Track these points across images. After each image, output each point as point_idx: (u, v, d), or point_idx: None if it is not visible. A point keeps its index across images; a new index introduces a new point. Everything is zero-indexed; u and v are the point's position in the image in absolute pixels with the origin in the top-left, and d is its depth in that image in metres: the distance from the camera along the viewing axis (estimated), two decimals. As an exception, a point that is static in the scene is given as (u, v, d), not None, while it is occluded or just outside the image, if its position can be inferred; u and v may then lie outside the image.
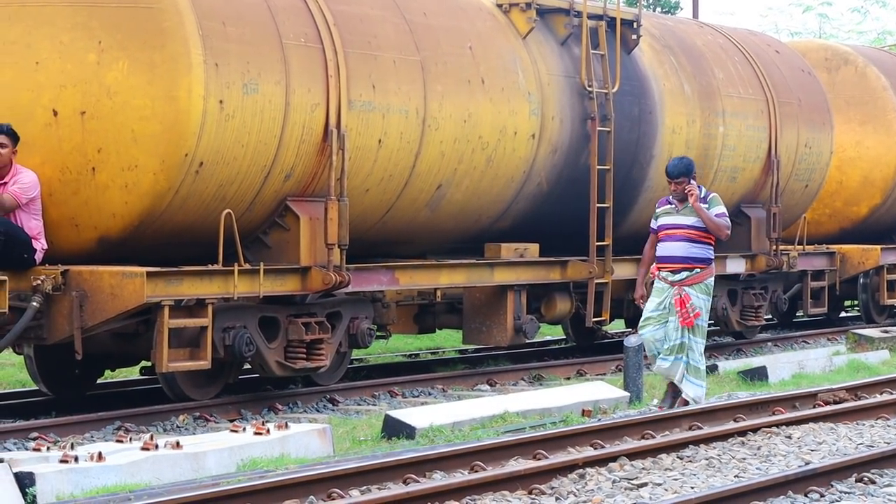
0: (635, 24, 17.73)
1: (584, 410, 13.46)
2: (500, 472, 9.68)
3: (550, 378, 16.55)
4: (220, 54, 12.86)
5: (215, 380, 13.89)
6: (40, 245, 12.69)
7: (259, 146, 13.23)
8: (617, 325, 19.49)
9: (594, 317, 16.99)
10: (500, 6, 16.48)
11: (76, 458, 10.09)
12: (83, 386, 14.43)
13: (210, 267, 12.97)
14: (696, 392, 13.51)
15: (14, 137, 12.54)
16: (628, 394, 14.42)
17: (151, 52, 12.65)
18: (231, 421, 13.03)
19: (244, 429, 11.60)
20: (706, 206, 13.49)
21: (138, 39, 12.67)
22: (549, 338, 20.64)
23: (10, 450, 11.35)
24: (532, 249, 16.36)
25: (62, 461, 10.05)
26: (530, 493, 9.33)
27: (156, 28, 12.66)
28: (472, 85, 15.40)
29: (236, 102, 12.98)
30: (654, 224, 13.84)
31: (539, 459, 10.35)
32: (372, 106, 14.22)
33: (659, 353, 13.56)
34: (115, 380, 15.59)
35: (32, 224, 12.66)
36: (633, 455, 10.44)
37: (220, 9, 13.04)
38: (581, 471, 9.85)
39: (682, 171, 13.51)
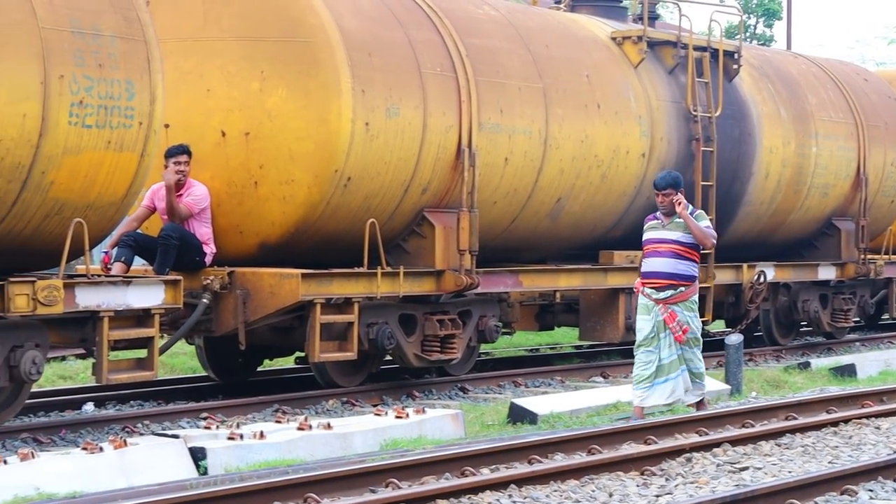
0: (736, 55, 17.67)
1: (688, 401, 13.41)
2: (615, 455, 9.71)
3: (658, 372, 16.47)
4: (366, 82, 13.01)
5: (360, 369, 14.02)
6: (210, 249, 12.91)
7: (400, 163, 13.36)
8: (718, 325, 19.35)
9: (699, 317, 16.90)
10: (614, 39, 16.50)
11: (241, 436, 10.26)
12: (246, 373, 14.61)
13: (357, 270, 13.12)
14: (702, 390, 12.48)
15: (190, 155, 12.77)
16: (729, 386, 14.35)
17: (307, 80, 12.82)
18: (374, 406, 13.14)
19: (386, 413, 11.69)
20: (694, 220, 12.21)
21: (295, 69, 12.85)
22: (655, 336, 20.52)
23: (184, 427, 11.54)
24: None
25: (229, 438, 10.22)
26: (642, 473, 9.34)
27: (311, 59, 12.83)
28: (589, 109, 15.43)
29: (380, 124, 13.12)
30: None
31: (649, 444, 10.33)
32: (499, 128, 14.30)
33: (644, 372, 12.09)
34: (273, 368, 15.75)
35: (203, 231, 12.89)
36: (734, 442, 10.40)
37: (366, 42, 13.19)
38: (688, 455, 9.83)
39: (669, 183, 12.21)
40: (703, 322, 16.93)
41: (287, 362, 15.65)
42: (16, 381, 10.77)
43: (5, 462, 9.15)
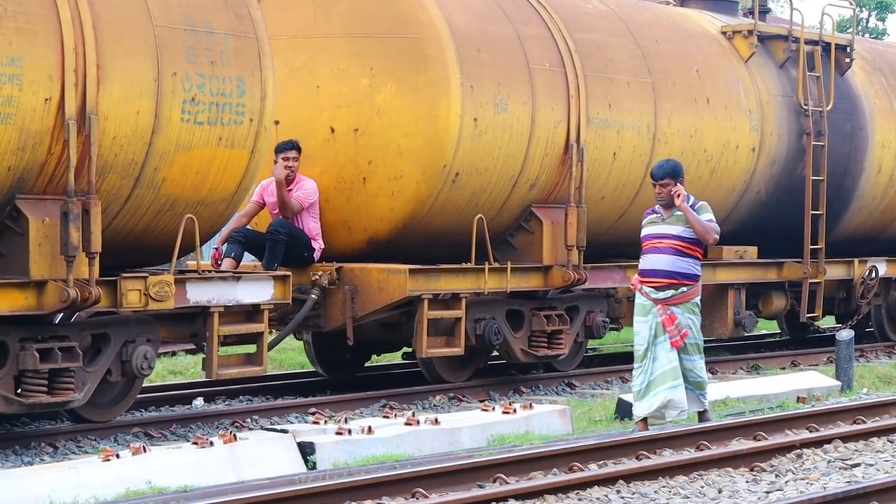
0: (848, 49, 17.41)
1: (798, 397, 13.24)
2: (725, 451, 9.61)
3: (767, 368, 16.30)
4: (475, 78, 12.99)
5: (467, 365, 14.01)
6: (318, 245, 12.96)
7: (508, 158, 13.32)
8: (828, 321, 19.08)
9: (808, 313, 16.74)
10: (724, 33, 16.33)
11: (349, 431, 10.30)
12: (354, 368, 14.66)
13: (464, 265, 13.10)
14: (705, 400, 11.38)
15: (300, 150, 12.83)
16: (840, 383, 14.13)
17: (416, 76, 12.83)
18: (481, 401, 13.10)
19: (493, 408, 11.68)
20: (695, 213, 11.18)
21: (404, 65, 12.86)
22: (765, 331, 20.31)
23: (292, 422, 11.61)
24: (751, 251, 16.15)
25: (338, 433, 10.27)
26: (752, 470, 9.24)
27: (420, 55, 12.84)
28: (698, 104, 15.28)
29: (488, 120, 13.09)
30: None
31: (759, 440, 10.23)
32: (608, 123, 14.21)
33: (641, 383, 11.09)
34: (380, 363, 15.79)
35: (312, 226, 12.94)
36: (846, 438, 10.26)
37: (475, 38, 13.16)
38: (798, 451, 9.72)
39: (667, 172, 11.15)
40: (812, 317, 16.80)
41: (394, 358, 15.69)
42: (128, 376, 10.89)
43: (118, 456, 9.25)
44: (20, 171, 9.83)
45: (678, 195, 11.05)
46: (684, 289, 11.02)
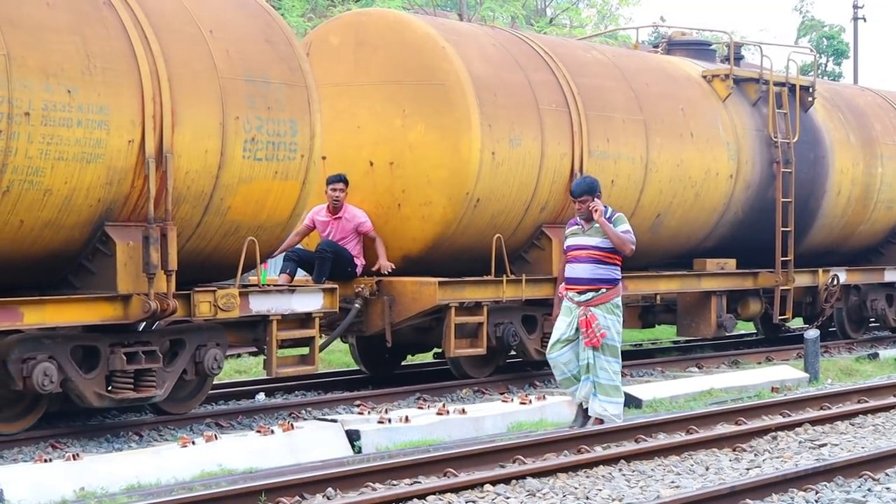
0: (811, 89, 17.35)
1: (773, 388, 13.20)
2: (710, 434, 9.58)
3: (745, 363, 16.22)
4: (492, 118, 12.98)
5: (489, 362, 13.98)
6: (360, 262, 12.95)
7: (521, 186, 13.30)
8: (797, 322, 18.99)
9: (780, 315, 16.66)
10: (704, 77, 16.29)
11: (389, 420, 10.29)
12: (392, 366, 14.62)
13: (485, 278, 13.08)
14: (614, 409, 10.38)
15: (346, 182, 12.83)
16: (808, 375, 14.09)
17: (442, 117, 12.83)
18: (501, 394, 13.09)
19: (512, 399, 11.67)
20: (612, 224, 10.45)
21: (432, 108, 12.86)
22: (743, 332, 20.23)
23: (340, 413, 11.59)
24: (731, 263, 16.08)
25: (379, 422, 10.26)
26: (734, 450, 9.20)
27: (445, 99, 12.84)
28: (683, 138, 15.24)
29: (504, 153, 13.08)
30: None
31: (740, 425, 10.19)
32: (606, 154, 14.18)
33: (567, 375, 10.50)
34: (414, 362, 15.77)
35: (354, 246, 12.94)
36: (814, 422, 10.22)
37: (492, 84, 13.17)
38: (773, 434, 9.69)
39: (584, 190, 10.45)
40: (783, 319, 16.70)
41: (426, 357, 15.66)
42: (200, 375, 10.90)
43: (193, 443, 9.27)
44: (108, 203, 9.87)
45: (595, 210, 10.38)
46: (604, 290, 10.36)
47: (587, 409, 10.44)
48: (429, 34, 13.03)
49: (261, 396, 12.84)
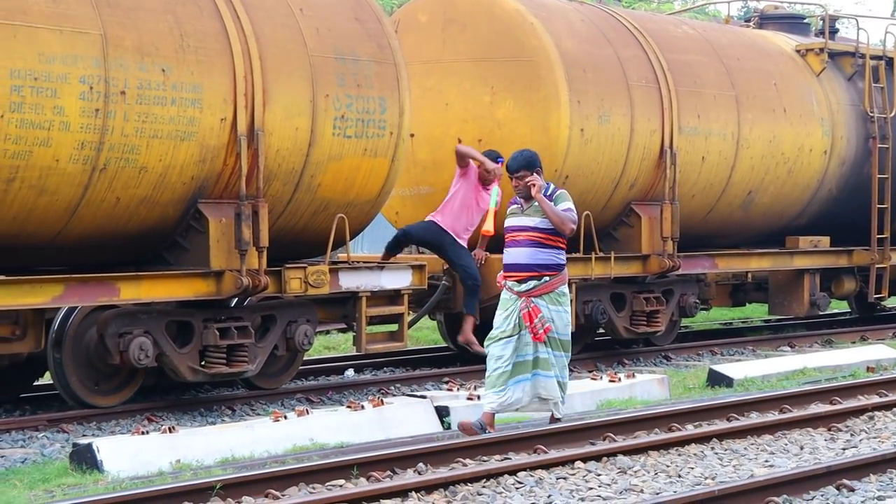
0: (908, 62, 17.12)
1: (868, 367, 13.07)
2: (804, 413, 9.55)
3: (839, 342, 16.09)
4: (581, 94, 13.00)
5: (577, 340, 13.91)
6: (463, 240, 12.67)
7: (610, 163, 13.31)
8: (893, 301, 18.78)
9: (875, 293, 16.50)
10: (798, 51, 16.15)
11: (478, 397, 10.36)
12: (480, 343, 14.69)
13: (574, 255, 13.09)
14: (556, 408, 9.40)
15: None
16: (905, 355, 13.93)
17: (531, 93, 12.87)
18: (590, 371, 13.12)
19: (601, 377, 11.67)
20: (552, 203, 9.22)
21: (520, 85, 12.90)
22: (837, 311, 20.04)
23: (429, 390, 11.71)
24: (824, 241, 15.96)
25: (468, 398, 10.33)
26: (829, 430, 9.17)
27: (534, 75, 12.87)
28: (776, 113, 15.13)
29: (593, 130, 13.09)
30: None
31: (835, 404, 10.13)
32: (697, 131, 14.14)
33: (497, 372, 9.18)
34: (501, 340, 15.81)
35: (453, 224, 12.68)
36: (912, 402, 10.14)
37: (581, 60, 13.17)
38: (870, 413, 9.62)
39: (521, 165, 9.26)
40: (879, 298, 16.52)
41: (515, 335, 15.67)
42: (291, 351, 11.08)
43: (285, 417, 9.42)
44: (201, 180, 10.07)
45: (533, 185, 9.14)
46: (547, 279, 9.14)
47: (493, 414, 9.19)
48: (517, 10, 13.06)
49: (350, 372, 13.01)
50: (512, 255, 9.24)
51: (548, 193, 9.22)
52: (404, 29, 13.23)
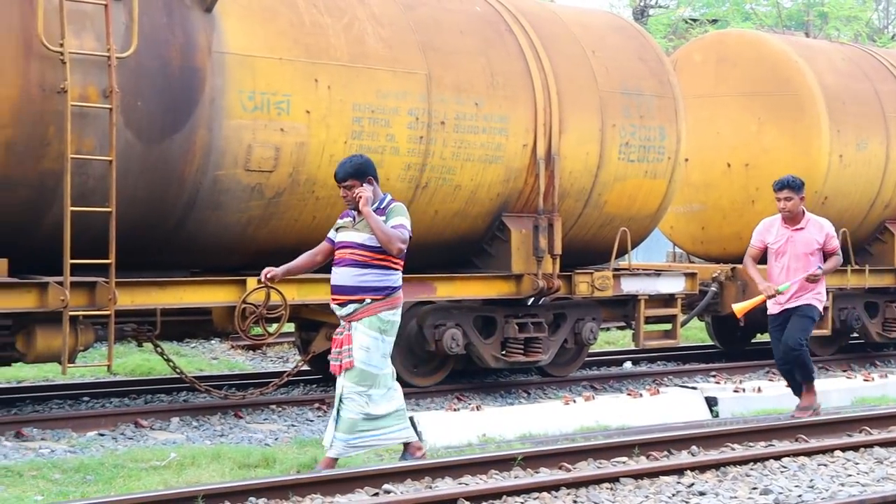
0: None
1: None
2: None
3: None
4: (840, 124, 12.41)
5: (832, 343, 13.36)
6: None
7: (866, 186, 12.66)
8: None
9: None
10: None
11: (744, 389, 10.05)
12: (743, 343, 14.19)
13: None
14: (339, 449, 6.74)
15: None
16: None
17: (794, 123, 12.38)
18: (843, 371, 12.52)
19: (855, 377, 11.14)
20: (383, 218, 6.77)
21: (785, 115, 12.44)
22: None
23: (698, 382, 11.42)
24: None
25: (735, 391, 10.04)
26: None
27: (797, 108, 12.38)
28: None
29: (851, 156, 12.48)
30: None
31: None
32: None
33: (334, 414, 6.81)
34: (763, 340, 15.26)
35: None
36: None
37: (841, 93, 12.58)
38: None
39: (348, 173, 6.82)
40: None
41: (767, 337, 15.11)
42: (578, 344, 11.01)
43: (574, 401, 9.37)
44: (505, 196, 10.13)
45: (359, 197, 6.77)
46: (369, 301, 6.73)
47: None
48: (784, 50, 12.61)
49: (628, 364, 12.84)
50: (336, 275, 6.83)
51: (382, 206, 6.85)
52: (681, 67, 12.97)
